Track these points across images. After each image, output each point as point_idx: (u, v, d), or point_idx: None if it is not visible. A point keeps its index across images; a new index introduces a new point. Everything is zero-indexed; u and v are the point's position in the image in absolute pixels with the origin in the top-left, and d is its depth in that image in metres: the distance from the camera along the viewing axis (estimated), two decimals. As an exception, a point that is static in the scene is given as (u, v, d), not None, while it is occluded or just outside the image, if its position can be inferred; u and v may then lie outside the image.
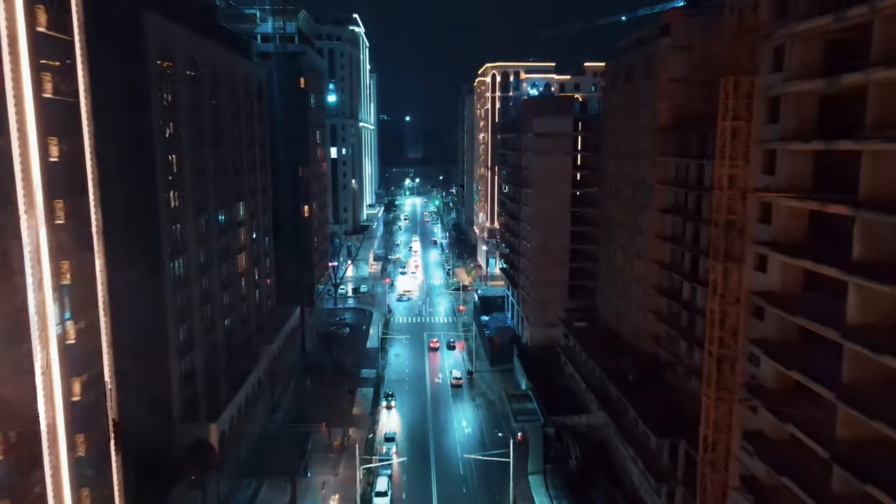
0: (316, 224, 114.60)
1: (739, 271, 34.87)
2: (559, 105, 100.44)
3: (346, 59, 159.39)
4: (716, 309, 35.53)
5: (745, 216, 35.21)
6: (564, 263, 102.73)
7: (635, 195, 77.62)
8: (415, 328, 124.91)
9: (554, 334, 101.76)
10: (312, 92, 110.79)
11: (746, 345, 37.66)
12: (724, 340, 35.45)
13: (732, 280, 34.90)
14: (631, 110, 78.81)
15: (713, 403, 35.69)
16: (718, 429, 35.49)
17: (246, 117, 78.23)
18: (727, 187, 34.18)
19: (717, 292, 35.20)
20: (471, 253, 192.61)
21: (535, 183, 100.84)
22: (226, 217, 69.19)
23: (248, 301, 77.89)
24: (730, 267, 34.82)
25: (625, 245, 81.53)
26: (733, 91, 33.60)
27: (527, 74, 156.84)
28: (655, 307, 72.93)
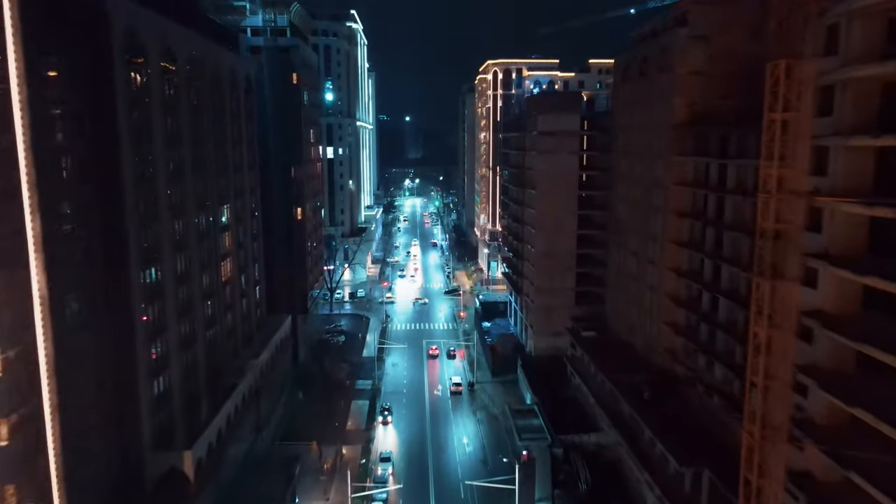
0: (310, 227, 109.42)
1: (790, 289, 29.66)
2: (565, 102, 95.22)
3: (342, 55, 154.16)
4: (761, 333, 30.31)
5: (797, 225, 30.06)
6: (571, 269, 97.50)
7: (648, 197, 72.38)
8: (413, 335, 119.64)
9: (560, 343, 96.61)
10: (306, 88, 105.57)
11: (793, 373, 32.42)
12: (771, 370, 30.24)
13: (782, 299, 29.69)
14: (644, 107, 73.58)
15: (758, 444, 30.46)
16: (764, 473, 30.29)
17: (232, 114, 73.01)
18: (777, 190, 28.92)
19: (764, 313, 29.98)
20: (472, 255, 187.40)
21: (540, 184, 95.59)
22: (208, 221, 63.95)
23: (233, 311, 72.65)
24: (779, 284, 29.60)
25: (637, 250, 76.28)
26: (785, 77, 28.37)
27: (529, 72, 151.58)
28: (671, 318, 67.69)
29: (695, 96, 65.15)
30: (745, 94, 65.08)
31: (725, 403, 55.94)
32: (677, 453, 54.80)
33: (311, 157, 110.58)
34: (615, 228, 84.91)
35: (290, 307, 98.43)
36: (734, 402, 55.07)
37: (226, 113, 70.30)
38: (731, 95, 65.01)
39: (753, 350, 31.30)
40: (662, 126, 68.54)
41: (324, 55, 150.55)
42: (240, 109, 76.03)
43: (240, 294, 75.15)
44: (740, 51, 64.51)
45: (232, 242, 72.31)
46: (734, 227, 55.65)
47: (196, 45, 61.27)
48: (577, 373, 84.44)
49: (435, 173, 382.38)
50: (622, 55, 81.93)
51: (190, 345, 58.50)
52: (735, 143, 56.10)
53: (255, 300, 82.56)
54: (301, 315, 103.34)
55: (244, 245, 77.53)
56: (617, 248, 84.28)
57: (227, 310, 70.32)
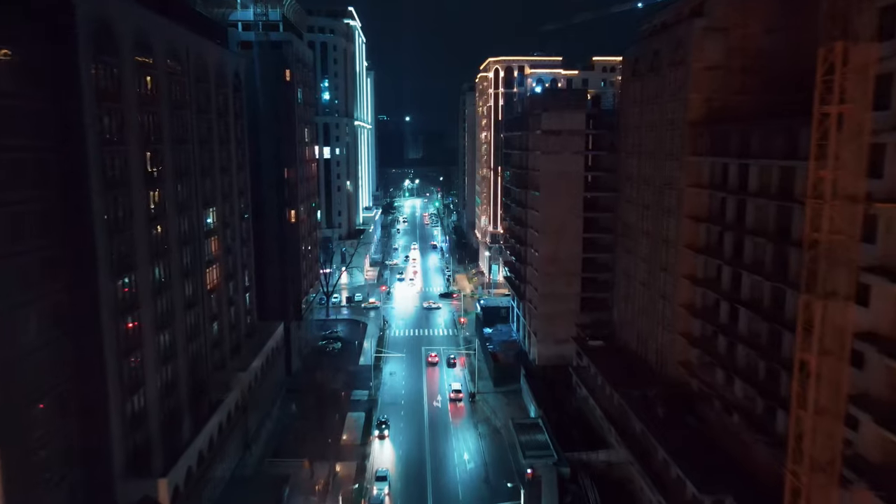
0: (304, 230, 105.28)
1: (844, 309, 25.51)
2: (570, 99, 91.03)
3: (339, 53, 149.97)
4: (811, 360, 26.16)
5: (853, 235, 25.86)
6: (576, 274, 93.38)
7: (660, 199, 68.19)
8: (412, 342, 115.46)
9: (565, 352, 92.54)
10: (300, 86, 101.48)
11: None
12: (822, 401, 26.11)
13: (834, 319, 25.55)
14: (655, 104, 69.40)
15: (806, 488, 26.31)
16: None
17: (218, 112, 68.85)
18: (831, 196, 24.78)
19: (815, 337, 25.84)
20: (472, 258, 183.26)
21: (544, 185, 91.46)
22: (190, 225, 59.76)
23: (220, 320, 68.47)
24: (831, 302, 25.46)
25: (648, 256, 72.09)
26: (841, 63, 24.21)
27: (532, 69, 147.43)
28: (686, 329, 63.50)
29: (711, 92, 60.98)
30: (762, 90, 61.23)
31: (747, 423, 51.79)
32: (696, 478, 50.62)
33: (305, 158, 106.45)
34: (623, 232, 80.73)
35: (283, 314, 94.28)
36: (757, 422, 50.99)
37: (211, 111, 66.14)
38: (748, 91, 60.97)
39: (798, 379, 27.10)
40: (676, 124, 64.39)
41: (320, 53, 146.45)
42: (227, 107, 71.86)
43: (227, 302, 70.98)
44: (758, 44, 60.43)
45: (219, 247, 68.15)
46: (757, 232, 51.47)
47: (177, 37, 57.09)
48: (584, 384, 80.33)
49: (435, 174, 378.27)
50: (632, 49, 77.72)
51: (170, 359, 54.32)
52: (758, 141, 51.91)
53: (245, 308, 78.38)
54: (295, 322, 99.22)
55: (232, 250, 73.37)
56: (625, 252, 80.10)
57: (213, 319, 66.14)
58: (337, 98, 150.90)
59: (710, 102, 61.22)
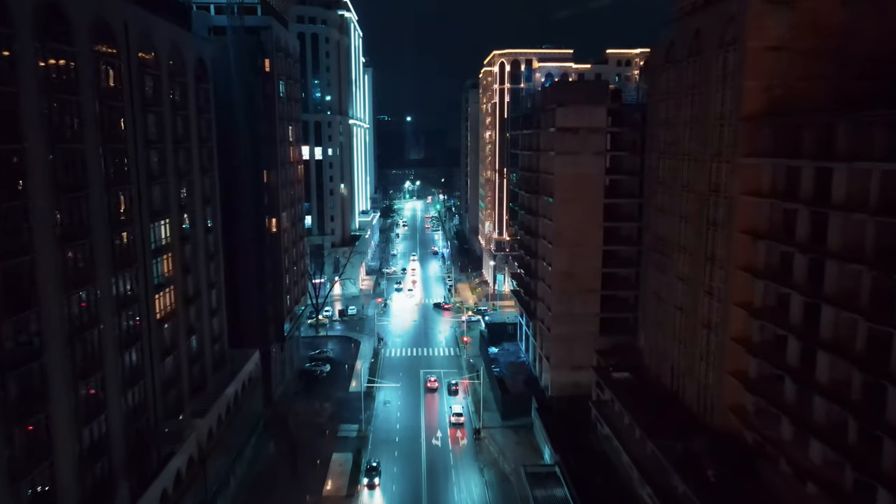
0: (288, 240, 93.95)
1: None
2: (589, 92, 79.59)
3: (332, 45, 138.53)
4: None
5: None
6: (595, 291, 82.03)
7: (704, 209, 56.72)
8: (410, 364, 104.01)
9: (582, 379, 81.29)
10: (282, 78, 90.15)
11: None
12: None
13: None
14: (697, 94, 57.94)
15: None
16: None
17: (174, 105, 57.62)
18: None
19: None
20: (475, 265, 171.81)
21: (559, 191, 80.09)
22: (130, 243, 48.44)
23: (176, 354, 57.15)
24: None
25: (686, 276, 60.61)
26: None
27: (540, 63, 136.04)
28: (738, 368, 52.07)
29: (772, 78, 49.53)
30: (837, 75, 49.76)
31: (830, 498, 40.36)
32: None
33: (290, 159, 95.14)
34: (654, 246, 69.26)
35: (261, 339, 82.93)
36: (845, 499, 39.58)
37: (162, 104, 54.79)
38: (819, 76, 49.50)
39: None
40: (726, 118, 52.95)
41: (311, 45, 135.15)
42: (187, 100, 60.55)
43: (186, 331, 59.61)
44: (833, 19, 48.99)
45: (174, 267, 56.79)
46: (846, 255, 40.03)
47: (109, 7, 45.73)
48: (606, 421, 68.86)
49: (436, 175, 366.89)
50: (664, 32, 66.23)
51: (95, 416, 42.95)
52: (848, 138, 40.42)
53: (212, 335, 67.00)
54: (277, 344, 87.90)
55: (194, 268, 62.01)
56: (655, 269, 68.64)
57: (165, 354, 54.77)
58: (329, 94, 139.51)
59: (771, 91, 49.77)
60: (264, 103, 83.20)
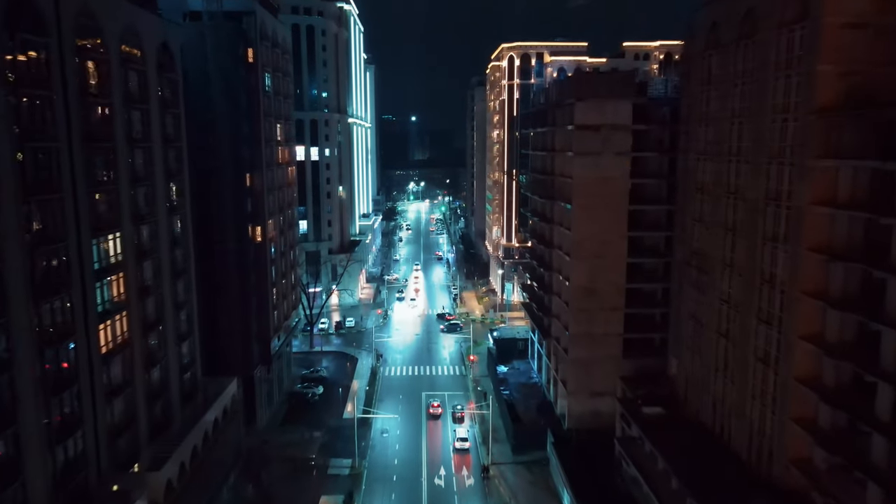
0: (277, 249, 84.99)
1: None
2: (611, 84, 70.37)
3: (329, 39, 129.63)
4: None
5: None
6: (618, 309, 72.81)
7: (758, 221, 47.46)
8: (411, 385, 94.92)
9: (603, 407, 72.28)
10: (269, 70, 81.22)
11: None
12: None
13: None
14: (749, 84, 48.68)
15: None
16: None
17: (128, 98, 48.77)
18: None
19: None
20: (482, 272, 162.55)
21: (578, 196, 70.89)
22: (60, 265, 39.54)
23: (129, 393, 48.27)
24: None
25: (734, 299, 51.35)
26: None
27: (552, 57, 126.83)
28: (806, 414, 42.84)
29: (852, 62, 40.28)
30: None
31: None
32: None
33: (278, 160, 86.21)
34: (690, 260, 60.03)
35: (245, 361, 74.04)
36: None
37: (111, 95, 45.91)
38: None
39: None
40: (790, 111, 43.73)
41: (306, 37, 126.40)
42: (147, 92, 51.66)
43: (144, 363, 50.68)
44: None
45: (127, 289, 47.85)
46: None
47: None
48: (634, 462, 59.61)
49: (441, 176, 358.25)
50: (703, 12, 56.94)
51: (9, 482, 34.03)
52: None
53: (180, 363, 58.10)
54: (262, 367, 78.98)
55: (156, 289, 53.11)
56: (692, 288, 59.41)
57: (114, 395, 45.85)
58: (326, 91, 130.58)
59: (849, 78, 40.51)
60: (247, 98, 74.30)
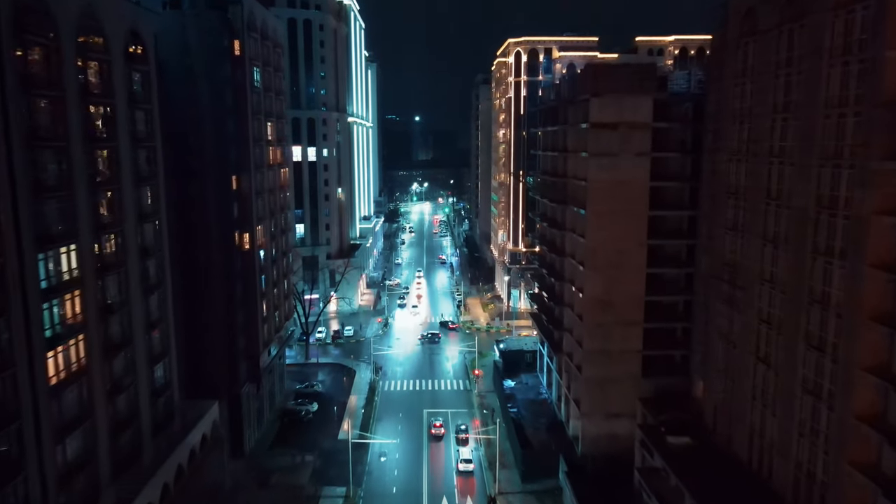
0: (268, 257, 79.11)
1: None
2: (631, 77, 64.18)
3: (327, 34, 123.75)
4: None
5: None
6: (636, 324, 66.68)
7: (808, 231, 41.32)
8: (412, 401, 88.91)
9: (620, 430, 66.34)
10: (259, 65, 75.35)
11: None
12: None
13: None
14: (796, 73, 42.57)
15: None
16: None
17: (86, 92, 42.93)
18: None
19: None
20: (487, 277, 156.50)
21: (593, 201, 64.82)
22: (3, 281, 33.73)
23: (87, 427, 42.44)
24: None
25: (777, 320, 45.20)
26: None
27: (561, 52, 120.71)
28: (868, 460, 36.69)
29: (929, 46, 34.20)
30: None
31: None
32: None
33: (269, 161, 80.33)
34: (720, 274, 53.91)
35: (230, 380, 68.20)
36: None
37: (65, 87, 40.04)
38: None
39: None
40: (849, 105, 37.60)
41: (303, 32, 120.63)
42: (110, 85, 45.85)
43: (106, 392, 44.82)
44: None
45: (84, 309, 41.99)
46: None
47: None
48: (658, 497, 53.66)
49: (445, 176, 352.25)
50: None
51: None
52: None
53: (152, 388, 52.24)
54: (251, 385, 73.12)
55: (122, 306, 47.24)
56: (724, 304, 53.29)
57: (66, 432, 39.93)
58: (324, 89, 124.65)
59: (925, 65, 34.41)
60: (233, 94, 68.49)
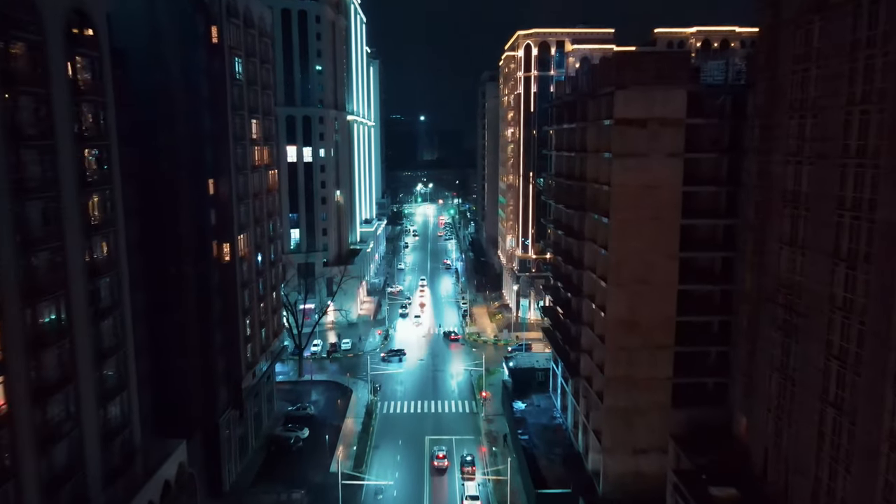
0: (251, 269, 71.35)
1: None
2: (661, 67, 56.11)
3: (325, 26, 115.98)
4: None
5: None
6: (666, 347, 58.81)
7: (894, 251, 33.21)
8: (412, 425, 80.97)
9: (647, 468, 58.87)
10: (240, 55, 67.62)
11: None
12: None
13: None
14: (881, 56, 34.46)
15: None
16: None
17: (14, 81, 35.13)
18: None
19: None
20: (494, 284, 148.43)
21: (618, 208, 56.93)
22: None
23: (16, 485, 34.63)
24: None
25: (853, 357, 37.03)
26: None
27: (574, 45, 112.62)
28: None
29: None
30: None
31: None
32: None
33: (254, 162, 72.63)
34: (774, 295, 45.76)
35: (208, 408, 60.47)
36: None
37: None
38: None
39: None
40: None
41: (298, 23, 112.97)
42: (46, 72, 38.08)
43: (36, 444, 37.01)
44: None
45: (3, 343, 34.18)
46: None
47: None
48: (697, 556, 45.53)
49: (450, 177, 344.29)
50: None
51: None
52: None
53: (105, 430, 44.50)
54: (232, 412, 65.43)
55: (61, 336, 39.44)
56: (777, 331, 45.14)
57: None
58: (321, 84, 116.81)
59: None
60: (210, 86, 60.84)
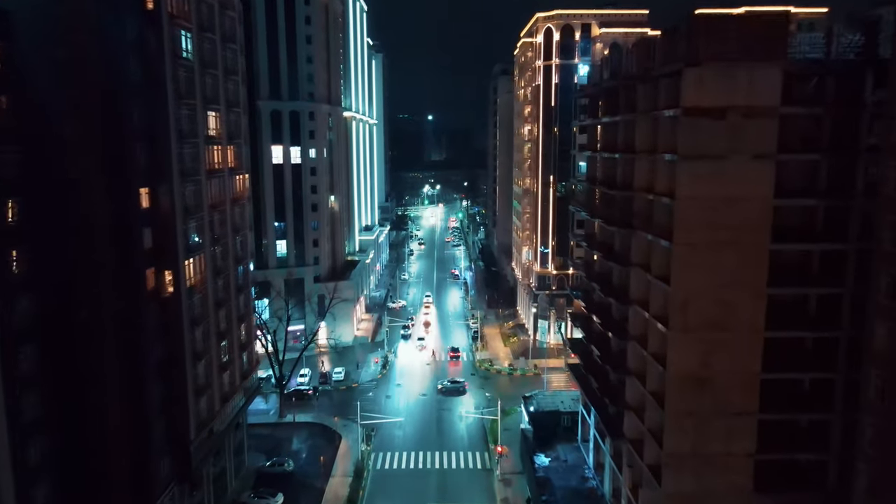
0: (206, 301, 56.86)
1: None
2: (748, 34, 41.07)
3: (316, 9, 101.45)
4: None
5: None
6: (749, 414, 44.01)
7: None
8: (411, 488, 66.03)
9: (717, 572, 43.41)
10: (189, 28, 53.10)
11: None
12: None
13: None
14: None
15: None
16: None
17: None
18: None
19: None
20: (507, 299, 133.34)
21: (684, 228, 42.07)
22: None
23: None
24: None
25: None
26: None
27: (602, 28, 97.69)
28: None
29: None
30: None
31: None
32: None
33: (212, 165, 58.19)
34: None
35: (140, 489, 45.87)
36: None
37: None
38: None
39: None
40: None
41: (284, 4, 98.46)
42: None
43: None
44: None
45: None
46: None
47: None
48: None
49: (459, 178, 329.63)
50: None
51: None
52: None
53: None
54: (180, 486, 50.93)
55: None
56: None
57: None
58: (311, 75, 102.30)
59: None
60: (142, 66, 46.29)
